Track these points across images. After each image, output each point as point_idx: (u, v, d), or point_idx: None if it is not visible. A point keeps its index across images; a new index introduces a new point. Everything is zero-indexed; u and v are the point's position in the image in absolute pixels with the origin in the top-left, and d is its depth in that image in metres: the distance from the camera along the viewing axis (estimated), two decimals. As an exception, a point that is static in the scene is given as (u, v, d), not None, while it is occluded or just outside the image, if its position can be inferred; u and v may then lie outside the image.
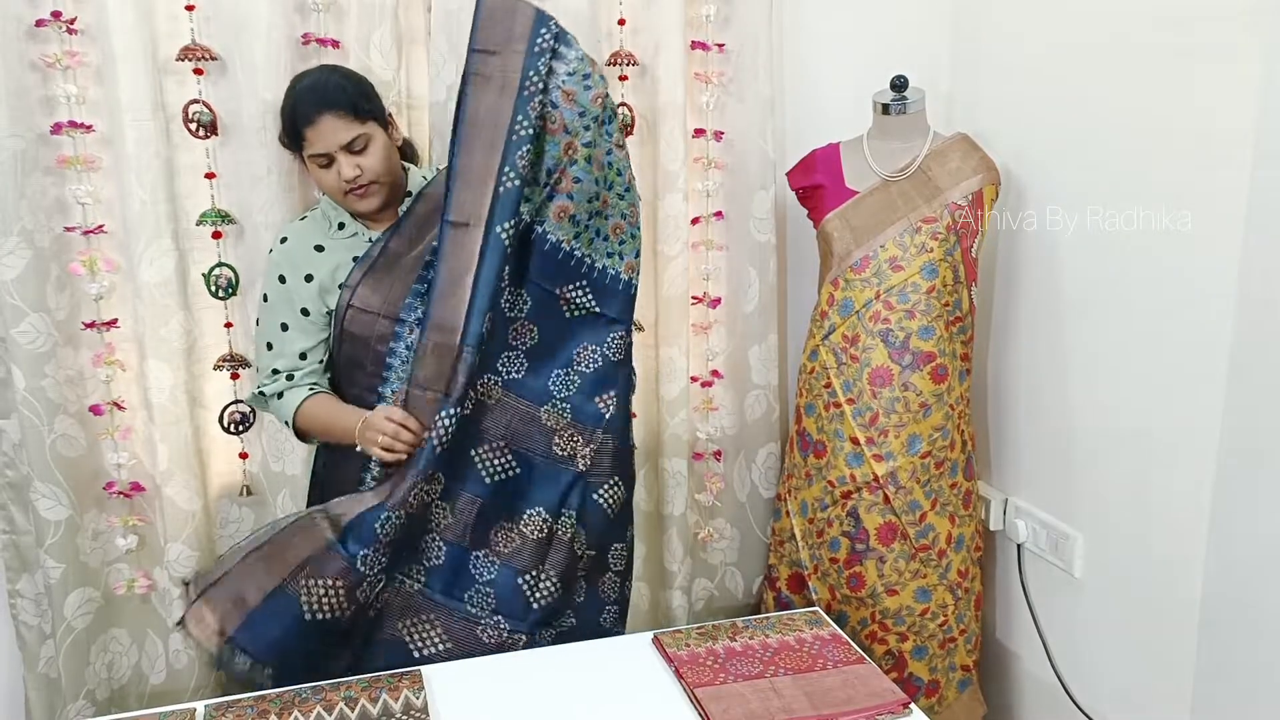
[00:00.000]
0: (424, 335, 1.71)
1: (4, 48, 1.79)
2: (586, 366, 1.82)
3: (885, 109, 2.05)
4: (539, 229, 1.75)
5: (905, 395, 1.98)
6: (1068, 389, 2.02)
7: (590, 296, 1.81)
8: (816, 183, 2.08)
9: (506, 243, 1.70)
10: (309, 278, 1.78)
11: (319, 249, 1.80)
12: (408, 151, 1.89)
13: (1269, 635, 1.63)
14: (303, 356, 1.80)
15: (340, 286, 1.78)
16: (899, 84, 2.03)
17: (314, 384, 1.81)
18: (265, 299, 1.81)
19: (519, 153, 1.69)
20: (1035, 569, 2.16)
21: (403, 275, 1.77)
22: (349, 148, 1.71)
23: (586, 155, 1.75)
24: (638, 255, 1.84)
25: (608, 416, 1.83)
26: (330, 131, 1.70)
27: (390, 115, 1.82)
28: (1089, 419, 1.98)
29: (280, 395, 1.80)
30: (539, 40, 1.70)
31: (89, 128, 1.87)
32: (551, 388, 1.80)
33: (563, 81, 1.72)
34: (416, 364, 1.71)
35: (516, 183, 1.69)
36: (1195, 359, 1.71)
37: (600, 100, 1.75)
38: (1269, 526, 1.61)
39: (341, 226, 1.82)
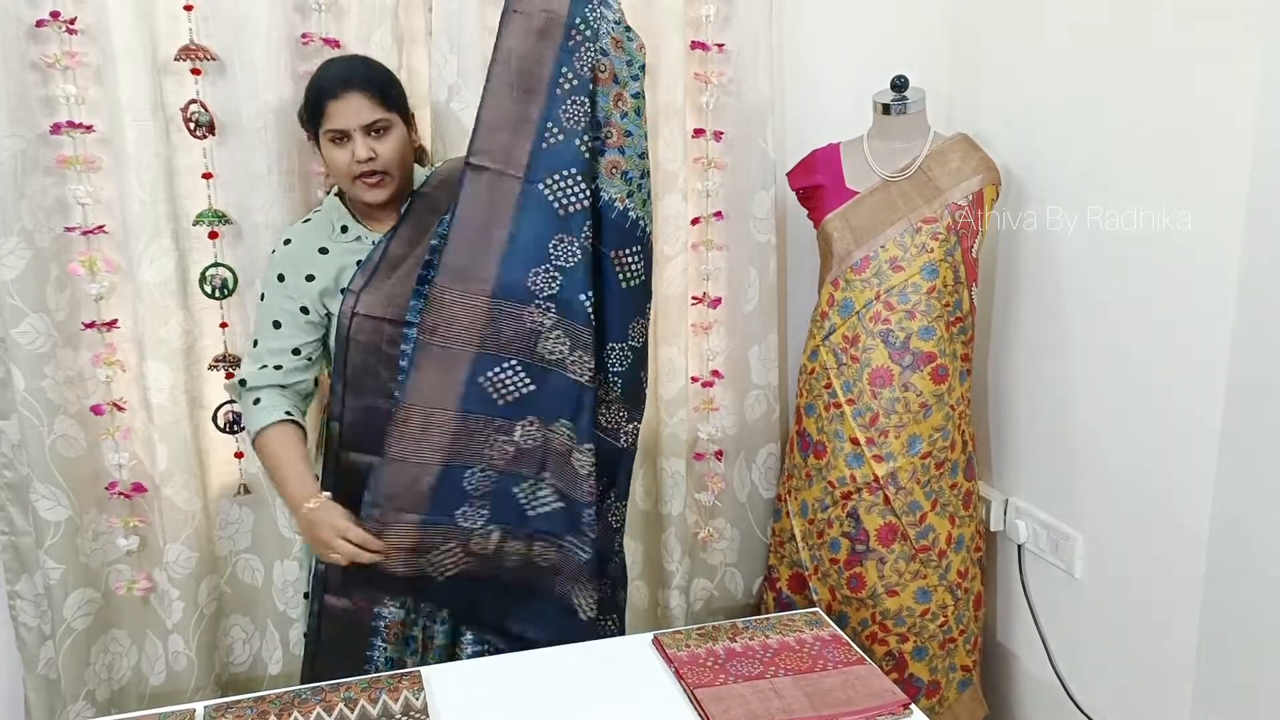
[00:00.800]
0: (434, 278, 1.66)
1: (4, 48, 1.78)
2: (638, 342, 1.81)
3: (885, 109, 2.05)
4: (590, 185, 1.71)
5: (905, 396, 1.98)
6: (1068, 389, 2.02)
7: (643, 265, 1.77)
8: (817, 183, 2.08)
9: (553, 199, 1.65)
10: (310, 278, 1.78)
11: (323, 251, 1.79)
12: (419, 155, 1.89)
13: (1269, 635, 1.63)
14: (295, 353, 1.78)
15: (343, 291, 1.77)
16: (899, 84, 2.03)
17: (292, 404, 1.77)
18: (263, 298, 1.80)
19: (563, 105, 1.64)
20: (1035, 569, 2.16)
21: (405, 278, 1.76)
22: (370, 129, 1.70)
23: (636, 108, 1.71)
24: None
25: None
26: (354, 108, 1.68)
27: (413, 116, 1.82)
28: (1089, 419, 1.98)
29: (258, 401, 1.76)
30: None
31: (89, 128, 1.87)
32: (607, 362, 1.79)
33: (611, 28, 1.68)
34: (428, 311, 1.67)
35: (560, 138, 1.65)
36: (1195, 359, 1.71)
37: (643, 50, 1.71)
38: (1269, 527, 1.61)
39: (344, 230, 1.81)
